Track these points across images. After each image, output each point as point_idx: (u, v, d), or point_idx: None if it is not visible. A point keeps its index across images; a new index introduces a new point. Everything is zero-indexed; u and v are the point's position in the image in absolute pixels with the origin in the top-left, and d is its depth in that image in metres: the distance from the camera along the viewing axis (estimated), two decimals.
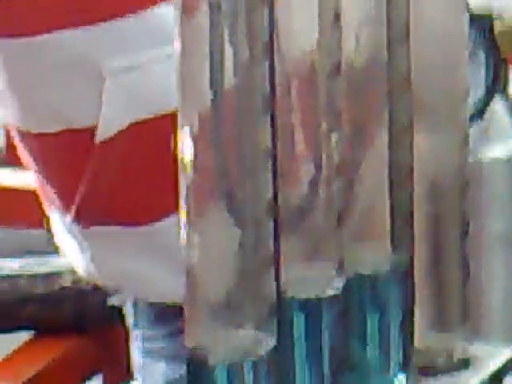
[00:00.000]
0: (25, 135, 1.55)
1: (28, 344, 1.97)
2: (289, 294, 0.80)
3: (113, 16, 1.45)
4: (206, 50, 0.77)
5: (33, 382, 1.88)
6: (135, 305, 1.65)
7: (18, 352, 1.96)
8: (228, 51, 0.77)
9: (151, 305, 1.63)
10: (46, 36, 1.47)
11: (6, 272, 1.91)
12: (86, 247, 1.57)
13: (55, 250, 1.84)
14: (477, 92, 1.00)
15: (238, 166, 0.77)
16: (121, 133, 1.49)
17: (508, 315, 1.11)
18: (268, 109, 0.76)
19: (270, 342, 0.77)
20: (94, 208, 1.54)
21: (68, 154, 1.54)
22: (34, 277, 1.92)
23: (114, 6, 1.46)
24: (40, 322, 1.96)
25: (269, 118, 0.77)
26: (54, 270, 1.93)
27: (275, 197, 0.78)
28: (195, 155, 0.77)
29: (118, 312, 1.72)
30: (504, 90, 1.16)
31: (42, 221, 1.79)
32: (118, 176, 1.51)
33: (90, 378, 2.01)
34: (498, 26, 1.16)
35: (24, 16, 1.50)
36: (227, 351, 0.77)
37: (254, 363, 0.78)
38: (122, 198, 1.53)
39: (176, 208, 1.39)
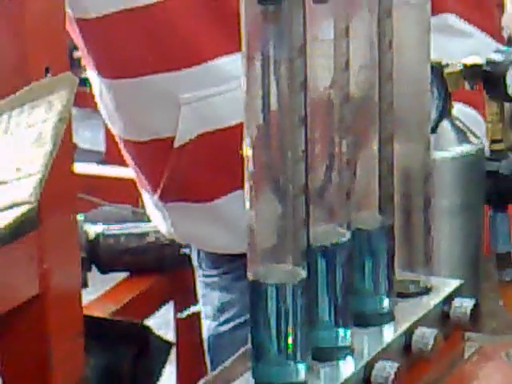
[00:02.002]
0: (126, 142, 1.56)
1: (125, 281, 1.95)
2: (315, 243, 0.82)
3: (189, 64, 1.44)
4: (260, 85, 0.77)
5: (128, 306, 1.87)
6: (198, 254, 1.65)
7: (118, 286, 1.95)
8: (273, 86, 0.77)
9: (209, 254, 1.62)
10: (142, 78, 1.46)
11: (112, 232, 1.90)
12: (167, 216, 1.59)
13: (144, 219, 1.82)
14: (433, 115, 1.01)
15: (280, 162, 0.78)
16: (191, 141, 1.48)
17: (452, 259, 1.11)
18: (302, 124, 0.79)
19: (303, 273, 0.79)
20: (172, 190, 1.55)
21: (154, 154, 1.55)
22: (130, 235, 1.91)
23: (189, 57, 1.45)
24: (133, 266, 1.94)
25: (303, 130, 0.79)
26: (143, 231, 1.92)
27: (306, 182, 0.80)
28: (253, 155, 0.79)
29: (187, 258, 1.71)
30: (449, 114, 1.15)
31: (137, 199, 1.78)
32: (188, 169, 1.51)
33: (165, 304, 1.99)
34: (445, 71, 1.15)
35: (128, 63, 1.49)
36: (276, 278, 0.79)
37: (293, 287, 0.79)
38: (192, 183, 1.53)
39: (228, 190, 1.37)
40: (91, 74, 1.56)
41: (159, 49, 1.49)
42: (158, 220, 1.66)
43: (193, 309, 1.83)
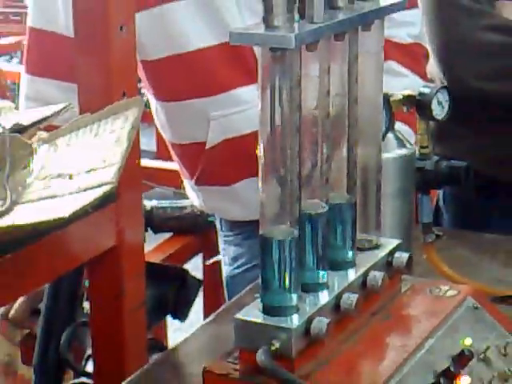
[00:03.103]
0: (173, 144, 1.56)
1: (170, 239, 1.94)
2: (304, 213, 0.81)
3: (217, 93, 1.44)
4: (269, 106, 0.76)
5: (172, 255, 1.86)
6: (220, 221, 1.65)
7: (165, 242, 1.94)
8: (278, 107, 0.76)
9: (228, 221, 1.62)
10: (185, 101, 1.46)
11: (161, 205, 1.89)
12: (200, 195, 1.59)
13: (183, 197, 1.82)
14: (382, 128, 1.00)
15: (282, 159, 0.77)
16: (217, 144, 1.47)
17: (393, 226, 1.11)
18: (297, 133, 0.78)
19: (296, 233, 0.79)
20: (204, 177, 1.55)
21: (192, 153, 1.55)
22: (173, 208, 1.91)
23: (218, 88, 1.45)
24: (175, 229, 1.94)
25: (297, 137, 0.78)
26: (182, 205, 1.91)
27: (299, 172, 0.79)
28: (264, 154, 0.78)
29: (213, 224, 1.71)
30: (393, 128, 1.14)
31: (179, 184, 1.77)
32: (214, 163, 1.50)
33: (197, 254, 1.98)
34: (391, 99, 1.15)
35: (175, 91, 1.50)
36: (277, 235, 0.78)
37: (289, 241, 0.78)
38: (217, 173, 1.53)
39: (241, 178, 1.51)
40: (150, 97, 1.55)
41: (197, 82, 1.47)
42: (193, 197, 1.66)
43: (216, 258, 1.83)
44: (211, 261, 1.89)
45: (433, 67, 1.66)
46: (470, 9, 1.61)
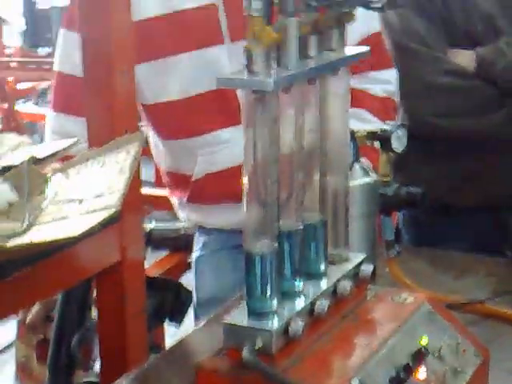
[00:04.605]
0: (168, 173, 1.61)
1: (166, 256, 1.93)
2: (282, 229, 0.81)
3: (203, 133, 1.47)
4: (252, 142, 0.76)
5: (168, 270, 1.86)
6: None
7: (162, 259, 1.94)
8: (259, 142, 0.76)
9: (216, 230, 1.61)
10: (178, 140, 1.51)
11: (159, 227, 1.88)
12: (185, 211, 1.61)
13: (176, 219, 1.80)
14: (350, 159, 1.00)
15: (263, 185, 0.77)
16: (202, 177, 1.50)
17: (360, 243, 1.10)
18: (276, 164, 0.78)
19: (275, 246, 0.79)
20: (190, 199, 1.55)
21: (181, 182, 1.56)
22: (169, 230, 1.90)
23: (204, 130, 1.46)
24: (171, 247, 1.93)
25: (276, 167, 0.79)
26: (176, 227, 1.90)
27: (278, 196, 0.79)
28: (248, 181, 0.77)
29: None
30: (358, 160, 1.14)
31: (171, 207, 1.75)
32: (199, 190, 1.52)
33: (189, 270, 1.96)
34: (356, 135, 1.15)
35: (170, 132, 1.52)
36: (259, 249, 0.78)
37: (269, 255, 0.78)
38: (200, 197, 1.54)
39: (219, 201, 1.50)
40: (151, 133, 1.56)
41: (188, 125, 1.48)
42: (180, 214, 1.65)
43: None
44: None
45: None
46: (428, 56, 1.63)
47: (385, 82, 1.57)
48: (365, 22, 1.47)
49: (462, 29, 1.65)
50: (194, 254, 1.67)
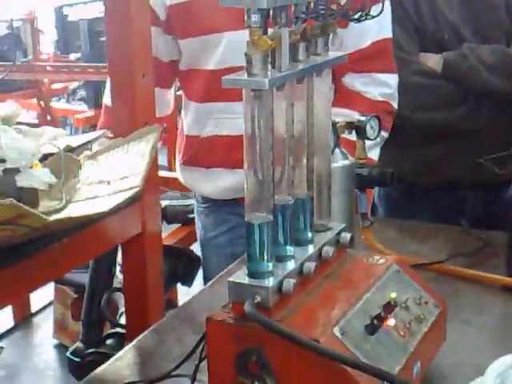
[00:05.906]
0: (184, 136, 1.58)
1: (179, 228, 1.93)
2: (277, 203, 0.80)
3: (223, 100, 1.45)
4: (251, 130, 0.74)
5: (181, 240, 1.85)
6: (195, 195, 1.64)
7: (175, 230, 1.93)
8: (257, 131, 0.74)
9: (201, 196, 1.60)
10: (205, 103, 1.48)
11: (172, 204, 1.88)
12: (185, 174, 1.58)
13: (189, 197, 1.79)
14: (331, 145, 0.98)
15: (260, 165, 0.75)
16: (210, 136, 1.51)
17: (340, 215, 1.09)
18: (271, 149, 0.76)
19: (271, 218, 0.77)
20: (192, 160, 1.54)
21: (191, 142, 1.54)
22: (181, 206, 1.89)
23: (226, 96, 1.42)
24: (183, 221, 1.92)
25: (271, 152, 0.77)
26: (188, 204, 1.89)
27: (273, 174, 0.77)
28: (247, 164, 0.75)
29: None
30: (339, 146, 1.14)
31: (183, 188, 1.70)
32: (203, 150, 1.52)
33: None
34: (337, 125, 1.14)
35: (196, 95, 1.51)
36: (257, 220, 0.76)
37: (266, 225, 0.77)
38: (201, 158, 1.52)
39: (218, 165, 1.47)
40: (184, 98, 1.55)
41: (210, 91, 1.46)
42: (179, 175, 1.62)
43: None
44: None
45: None
46: (402, 59, 1.62)
47: (385, 85, 1.51)
48: (378, 28, 1.44)
49: (432, 36, 1.66)
50: (197, 231, 1.66)
